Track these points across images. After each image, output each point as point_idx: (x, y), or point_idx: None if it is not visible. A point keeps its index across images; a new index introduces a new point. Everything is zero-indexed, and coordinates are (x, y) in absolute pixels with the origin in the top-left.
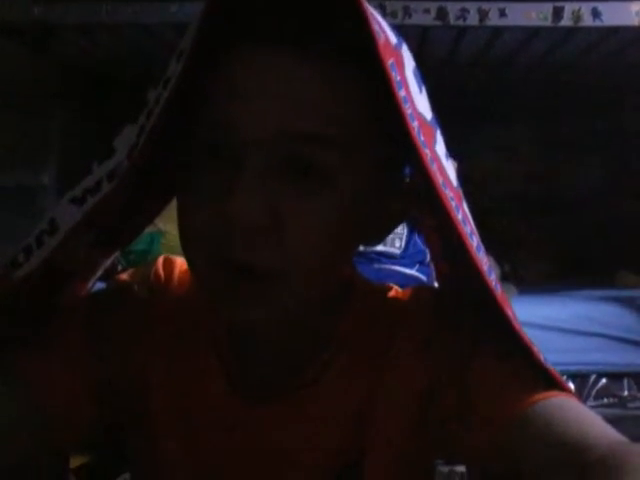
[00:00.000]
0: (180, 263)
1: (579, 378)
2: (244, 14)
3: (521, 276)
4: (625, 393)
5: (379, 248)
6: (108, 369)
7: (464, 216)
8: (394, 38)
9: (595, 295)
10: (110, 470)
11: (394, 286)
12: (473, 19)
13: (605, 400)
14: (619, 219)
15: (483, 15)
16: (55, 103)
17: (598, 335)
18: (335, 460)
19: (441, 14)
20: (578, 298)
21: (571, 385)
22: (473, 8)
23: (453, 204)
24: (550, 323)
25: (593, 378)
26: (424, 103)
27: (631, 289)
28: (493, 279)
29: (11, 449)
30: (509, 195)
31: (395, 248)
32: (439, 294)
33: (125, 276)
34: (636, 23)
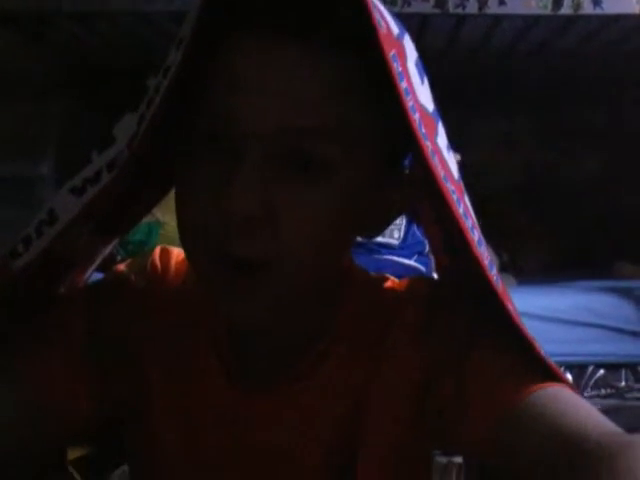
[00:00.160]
0: (177, 253)
1: (577, 368)
2: (244, 3)
3: (520, 267)
4: (622, 384)
5: (378, 239)
6: (107, 361)
7: (465, 210)
8: (396, 28)
9: (594, 286)
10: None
11: (390, 277)
12: (472, 7)
13: (602, 391)
14: (618, 210)
15: (482, 3)
16: (53, 93)
17: (596, 326)
18: (330, 451)
19: (440, 2)
20: (576, 289)
21: (569, 376)
22: None
23: (454, 197)
24: (548, 314)
25: (591, 369)
26: (426, 94)
27: (629, 280)
28: (494, 274)
29: (10, 442)
30: (508, 185)
31: (394, 239)
32: (435, 285)
33: (122, 267)
34: (637, 11)
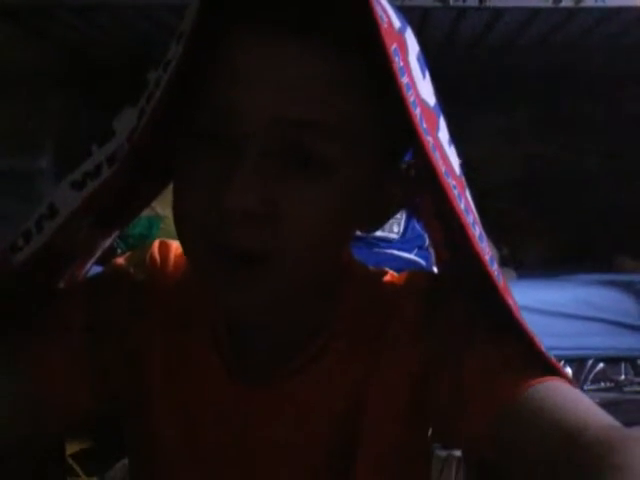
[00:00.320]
0: (176, 247)
1: (577, 362)
2: None
3: (520, 260)
4: (622, 377)
5: (377, 233)
6: (107, 355)
7: (466, 205)
8: (398, 22)
9: (593, 280)
10: (109, 456)
11: (390, 271)
12: (473, 0)
13: (602, 384)
14: (618, 204)
15: None
16: (53, 87)
17: (596, 320)
18: (329, 446)
19: None
20: (576, 283)
21: (568, 369)
22: None
23: (455, 192)
24: (548, 307)
25: (591, 362)
26: (427, 89)
27: (629, 274)
28: (495, 269)
29: (9, 435)
30: (508, 179)
31: (393, 233)
32: (435, 279)
33: (121, 260)
34: (638, 4)
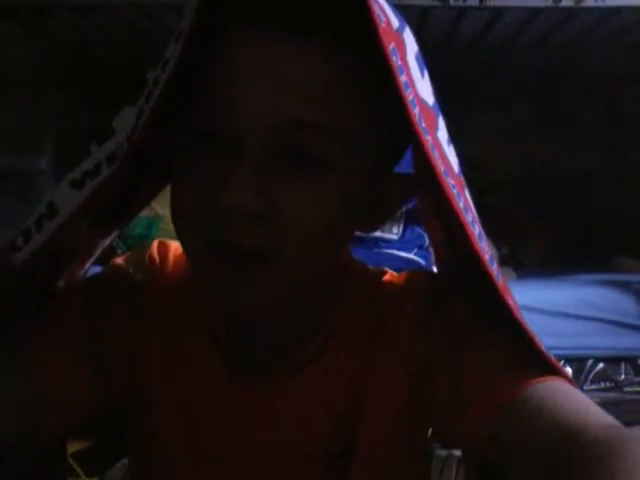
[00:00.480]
0: (175, 247)
1: (576, 362)
2: None
3: (519, 260)
4: (622, 377)
5: (377, 234)
6: (107, 355)
7: (466, 204)
8: (396, 21)
9: (593, 279)
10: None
11: (389, 270)
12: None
13: (602, 384)
14: (618, 203)
15: None
16: (52, 86)
17: (596, 319)
18: (328, 444)
19: None
20: (576, 282)
21: (568, 369)
22: None
23: (455, 192)
24: (548, 307)
25: (590, 362)
26: (426, 88)
27: (629, 273)
28: (495, 268)
29: (9, 435)
30: (508, 179)
31: (393, 234)
32: (434, 278)
33: (120, 260)
34: (638, 3)
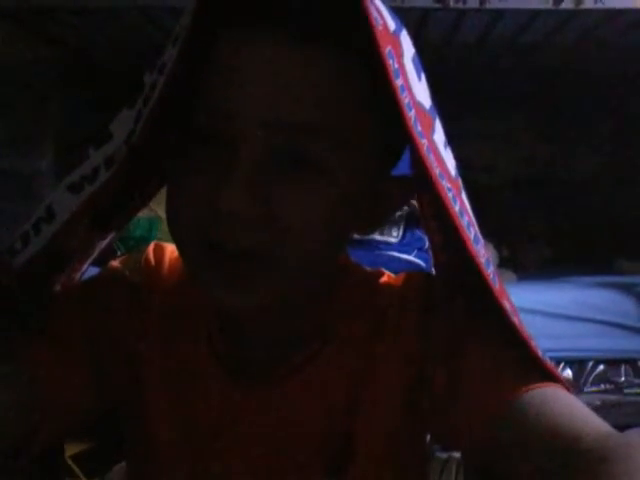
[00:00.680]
0: (171, 250)
1: (577, 364)
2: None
3: (520, 262)
4: (622, 379)
5: (376, 237)
6: (105, 356)
7: (462, 207)
8: (393, 24)
9: (594, 281)
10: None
11: (386, 272)
12: (473, 2)
13: (602, 386)
14: (618, 205)
15: None
16: (53, 88)
17: (596, 321)
18: (326, 445)
19: None
20: (576, 284)
21: (569, 371)
22: None
23: (450, 195)
24: (548, 309)
25: (591, 364)
26: (423, 91)
27: (629, 275)
28: (491, 271)
29: (9, 434)
30: (508, 181)
31: (392, 237)
32: (431, 280)
33: (117, 263)
34: (638, 5)
